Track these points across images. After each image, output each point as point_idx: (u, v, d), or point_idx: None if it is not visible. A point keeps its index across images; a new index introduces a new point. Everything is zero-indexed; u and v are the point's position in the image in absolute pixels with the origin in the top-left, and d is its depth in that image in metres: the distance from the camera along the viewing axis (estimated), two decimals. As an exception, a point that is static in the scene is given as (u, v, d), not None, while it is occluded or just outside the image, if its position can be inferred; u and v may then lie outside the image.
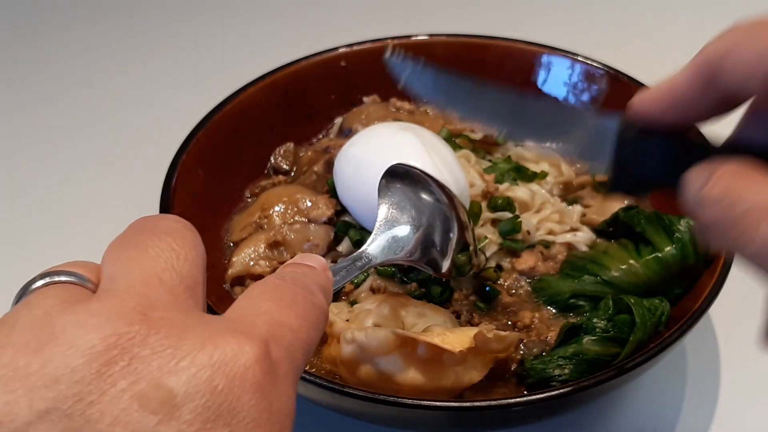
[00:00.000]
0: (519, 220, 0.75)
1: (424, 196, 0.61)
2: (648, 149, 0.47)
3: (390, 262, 0.57)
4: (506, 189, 0.79)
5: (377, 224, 0.57)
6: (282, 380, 0.30)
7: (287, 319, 0.33)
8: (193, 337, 0.28)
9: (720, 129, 0.47)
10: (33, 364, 0.26)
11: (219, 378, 0.28)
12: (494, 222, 0.76)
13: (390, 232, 0.57)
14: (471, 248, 0.63)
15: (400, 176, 0.62)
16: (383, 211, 0.58)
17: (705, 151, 0.44)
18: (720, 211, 0.38)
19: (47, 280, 0.31)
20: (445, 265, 0.60)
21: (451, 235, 0.61)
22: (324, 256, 0.75)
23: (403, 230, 0.58)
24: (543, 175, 0.83)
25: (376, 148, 0.72)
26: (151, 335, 0.28)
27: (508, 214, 0.76)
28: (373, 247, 0.56)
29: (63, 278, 0.31)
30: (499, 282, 0.73)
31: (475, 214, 0.74)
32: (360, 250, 0.55)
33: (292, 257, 0.74)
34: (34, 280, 0.31)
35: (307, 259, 0.41)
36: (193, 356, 0.28)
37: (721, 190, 0.39)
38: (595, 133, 0.50)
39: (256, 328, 0.31)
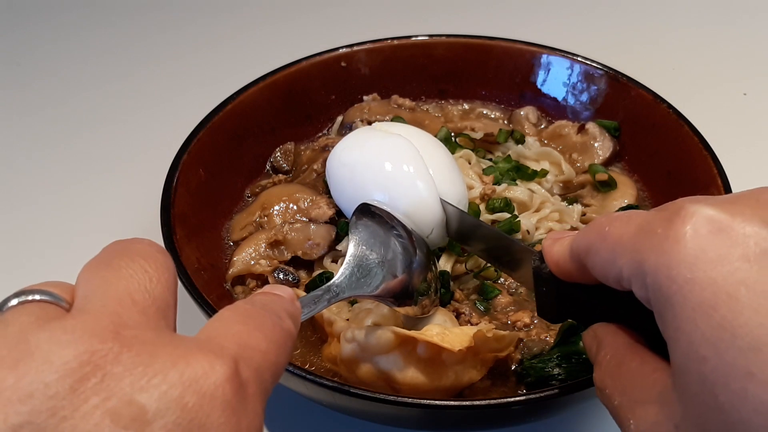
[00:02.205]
0: (517, 220, 0.75)
1: (389, 232, 0.64)
2: (556, 290, 0.51)
3: (357, 296, 0.59)
4: (504, 190, 0.79)
5: (347, 259, 0.60)
6: (251, 399, 0.31)
7: (256, 341, 0.34)
8: (165, 355, 0.29)
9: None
10: (8, 379, 0.27)
11: (190, 395, 0.28)
12: (493, 223, 0.76)
13: (359, 266, 0.59)
14: (431, 275, 0.65)
15: (368, 214, 0.65)
16: (353, 246, 0.61)
17: (603, 298, 0.46)
18: (603, 399, 0.44)
19: (22, 298, 0.31)
20: (407, 299, 0.63)
21: (414, 268, 0.63)
22: (325, 255, 0.76)
23: (371, 266, 0.60)
24: (543, 173, 0.83)
25: (371, 152, 0.72)
26: (123, 353, 0.28)
27: (506, 215, 0.76)
28: (342, 281, 0.57)
29: (37, 297, 0.31)
30: (499, 281, 0.74)
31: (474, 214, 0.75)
32: (329, 283, 0.56)
33: (293, 256, 0.75)
34: (9, 299, 0.31)
35: (276, 289, 0.42)
36: (165, 374, 0.28)
37: (599, 379, 0.44)
38: (525, 263, 0.56)
39: (227, 348, 0.32)
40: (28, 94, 1.24)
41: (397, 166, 0.69)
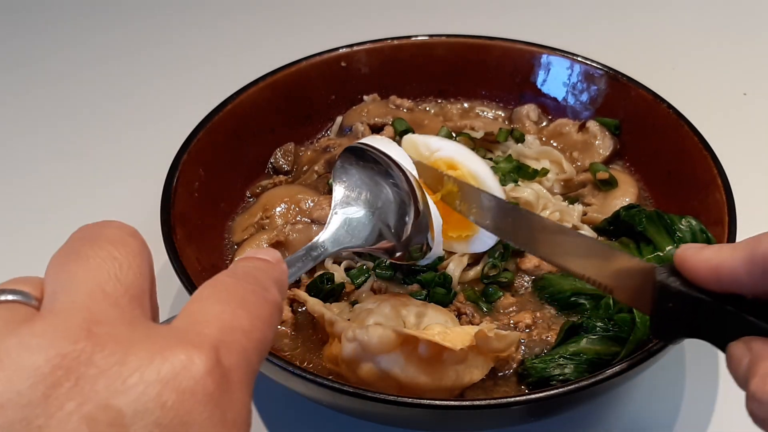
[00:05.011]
0: None
1: (382, 178, 0.58)
2: (688, 306, 0.47)
3: (345, 249, 0.55)
4: (511, 191, 0.79)
5: (332, 208, 0.55)
6: (236, 387, 0.30)
7: (239, 320, 0.32)
8: (140, 352, 0.28)
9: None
10: None
11: (168, 393, 0.27)
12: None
13: (345, 217, 0.55)
14: (428, 234, 0.59)
15: (357, 157, 0.58)
16: (338, 193, 0.56)
17: (744, 321, 0.44)
18: (763, 411, 0.40)
19: None
20: (400, 251, 0.58)
21: (407, 218, 0.58)
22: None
23: (359, 215, 0.55)
24: (544, 172, 0.83)
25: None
26: (96, 353, 0.27)
27: None
28: (328, 235, 0.53)
29: (9, 297, 0.31)
30: (504, 282, 0.74)
31: None
32: (314, 239, 0.52)
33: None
34: None
35: (261, 253, 0.40)
36: (141, 372, 0.27)
37: (761, 389, 0.40)
38: (637, 278, 0.51)
39: (206, 336, 0.30)
40: (28, 94, 1.23)
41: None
